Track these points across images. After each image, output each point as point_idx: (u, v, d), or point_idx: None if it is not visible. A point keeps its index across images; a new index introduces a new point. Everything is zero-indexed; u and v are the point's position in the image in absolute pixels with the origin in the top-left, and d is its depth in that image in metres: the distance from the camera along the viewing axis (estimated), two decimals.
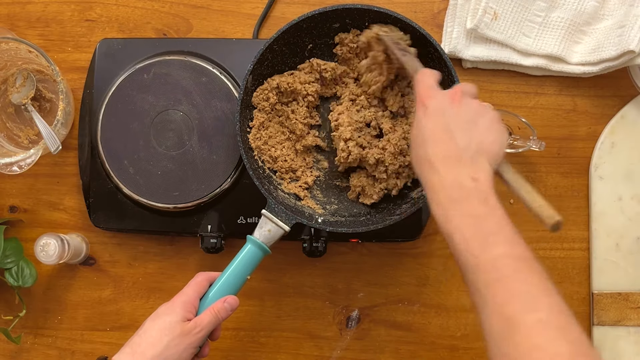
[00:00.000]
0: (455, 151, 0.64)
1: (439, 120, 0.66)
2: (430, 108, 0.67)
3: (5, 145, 0.95)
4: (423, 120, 0.67)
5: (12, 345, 0.95)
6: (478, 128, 0.65)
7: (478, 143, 0.65)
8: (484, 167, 0.64)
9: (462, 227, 0.61)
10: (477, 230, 0.60)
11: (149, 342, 0.72)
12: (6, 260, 0.92)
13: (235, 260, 0.79)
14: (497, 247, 0.59)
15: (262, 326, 0.95)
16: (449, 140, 0.65)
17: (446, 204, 0.62)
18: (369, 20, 0.84)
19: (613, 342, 0.92)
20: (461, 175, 0.63)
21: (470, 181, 0.62)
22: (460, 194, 0.62)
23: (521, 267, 0.58)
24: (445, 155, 0.64)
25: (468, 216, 0.61)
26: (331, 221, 0.85)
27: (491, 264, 0.58)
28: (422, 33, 0.80)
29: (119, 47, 0.93)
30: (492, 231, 0.60)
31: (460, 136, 0.65)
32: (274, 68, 0.86)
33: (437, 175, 0.64)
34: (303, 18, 0.81)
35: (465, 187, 0.62)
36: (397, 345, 0.94)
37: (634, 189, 0.93)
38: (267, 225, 0.80)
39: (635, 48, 0.85)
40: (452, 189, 0.62)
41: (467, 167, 0.63)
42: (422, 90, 0.70)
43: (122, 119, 0.90)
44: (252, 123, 0.86)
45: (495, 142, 0.66)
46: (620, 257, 0.92)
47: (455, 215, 0.61)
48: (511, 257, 0.58)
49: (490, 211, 0.61)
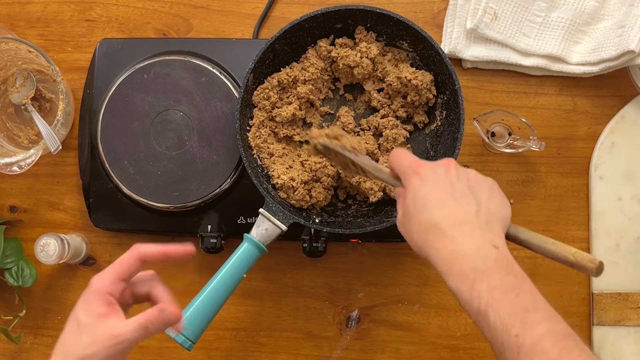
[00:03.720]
0: (468, 216, 0.59)
1: (439, 184, 0.61)
2: (426, 175, 0.62)
3: (5, 145, 0.95)
4: (422, 187, 0.62)
5: (12, 345, 0.95)
6: (482, 193, 0.61)
7: (487, 207, 0.60)
8: (499, 232, 0.59)
9: (495, 303, 0.55)
10: (513, 306, 0.54)
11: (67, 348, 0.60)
12: (6, 260, 0.92)
13: (232, 258, 0.79)
14: (539, 325, 0.54)
15: (262, 326, 0.95)
16: (457, 205, 0.60)
17: (471, 276, 0.56)
18: (371, 22, 0.84)
19: (613, 342, 0.92)
20: (482, 242, 0.57)
21: (492, 249, 0.57)
22: (486, 265, 0.56)
23: (569, 346, 0.54)
24: (457, 220, 0.59)
25: (499, 290, 0.55)
26: (329, 221, 0.85)
27: (536, 346, 0.53)
28: (423, 35, 0.80)
29: (119, 47, 0.93)
30: (529, 306, 0.55)
31: (467, 202, 0.60)
32: (275, 67, 0.86)
33: (453, 243, 0.58)
34: (305, 18, 0.81)
35: (489, 256, 0.57)
36: (397, 345, 0.94)
37: (634, 189, 0.93)
38: (264, 224, 0.80)
39: (635, 48, 0.86)
40: (475, 258, 0.56)
41: (485, 233, 0.58)
42: (408, 164, 0.65)
43: (122, 119, 0.90)
44: (252, 122, 0.86)
45: (502, 205, 0.62)
46: (620, 257, 0.92)
47: (483, 290, 0.55)
48: (556, 337, 0.54)
49: (520, 282, 0.56)
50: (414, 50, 0.86)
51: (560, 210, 0.94)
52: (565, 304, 0.93)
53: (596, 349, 0.92)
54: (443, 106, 0.85)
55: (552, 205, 0.94)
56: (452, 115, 0.82)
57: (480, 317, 0.55)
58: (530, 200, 0.94)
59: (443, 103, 0.85)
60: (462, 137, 0.79)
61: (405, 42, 0.85)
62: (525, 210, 0.94)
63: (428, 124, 0.88)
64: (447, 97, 0.84)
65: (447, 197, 0.60)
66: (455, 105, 0.81)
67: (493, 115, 0.90)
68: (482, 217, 0.59)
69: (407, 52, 0.87)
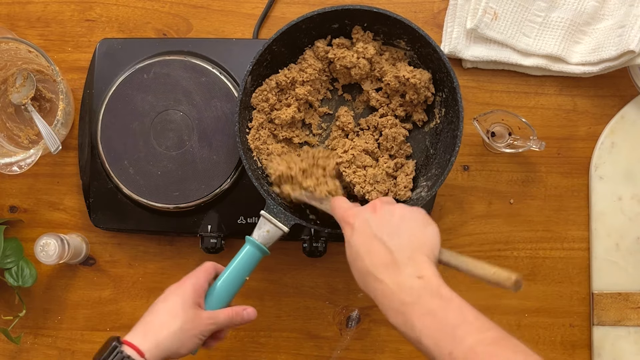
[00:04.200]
0: (392, 256, 0.63)
1: (366, 232, 0.66)
2: (355, 225, 0.67)
3: (5, 145, 0.95)
4: (353, 237, 0.67)
5: (12, 345, 0.95)
6: (407, 226, 0.65)
7: (409, 241, 0.64)
8: (424, 261, 0.63)
9: (426, 328, 0.59)
10: (441, 326, 0.58)
11: (162, 321, 0.72)
12: (6, 260, 0.92)
13: (234, 261, 0.79)
14: (467, 338, 0.57)
15: (262, 326, 0.95)
16: (382, 247, 0.64)
17: (401, 309, 0.61)
18: (367, 22, 0.84)
19: (613, 342, 0.92)
20: (406, 277, 0.62)
21: (416, 280, 0.61)
22: (412, 297, 0.61)
23: (497, 351, 0.56)
24: (383, 263, 0.63)
25: (427, 316, 0.59)
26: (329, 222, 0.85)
27: (467, 356, 0.56)
28: (420, 33, 0.80)
29: (119, 47, 0.93)
30: (457, 323, 0.58)
31: (390, 240, 0.64)
32: (273, 69, 0.86)
33: (383, 285, 0.63)
34: (302, 19, 0.81)
35: (413, 287, 0.61)
36: (397, 345, 0.94)
37: (634, 189, 0.93)
38: (265, 226, 0.80)
39: (635, 48, 0.86)
40: (402, 293, 0.61)
41: (408, 268, 0.62)
42: (342, 213, 0.70)
43: (122, 119, 0.90)
44: (251, 124, 0.86)
45: (426, 235, 0.65)
46: (620, 257, 0.92)
47: (414, 319, 0.60)
48: (485, 344, 0.56)
49: (447, 303, 0.60)
50: (411, 49, 0.86)
51: (560, 210, 0.94)
52: (565, 304, 0.93)
53: (596, 349, 0.92)
54: (442, 104, 0.85)
55: (552, 205, 0.94)
56: (452, 112, 0.82)
57: (417, 344, 0.60)
58: (530, 200, 0.94)
59: (442, 101, 0.85)
60: (462, 135, 0.79)
61: (403, 40, 0.85)
62: (525, 210, 0.94)
63: (427, 122, 0.88)
64: (446, 95, 0.83)
65: (373, 243, 0.65)
66: (454, 102, 0.81)
67: (493, 115, 0.90)
68: (405, 253, 0.63)
69: (405, 50, 0.87)
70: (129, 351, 0.69)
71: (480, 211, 0.94)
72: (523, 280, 0.60)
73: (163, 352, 0.70)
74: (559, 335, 0.93)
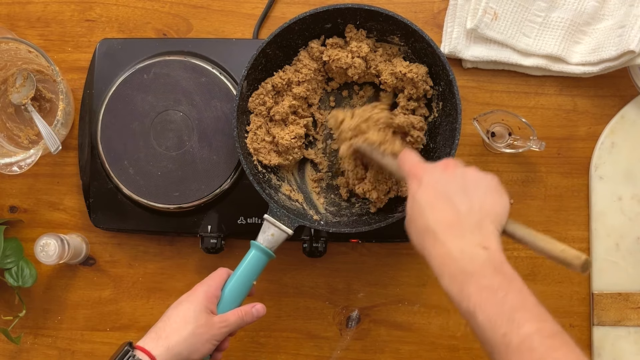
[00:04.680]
0: (458, 218, 0.61)
1: (435, 188, 0.63)
2: (424, 179, 0.65)
3: (5, 145, 0.95)
4: (419, 192, 0.64)
5: (12, 345, 0.95)
6: (477, 192, 0.63)
7: (480, 207, 0.62)
8: (491, 232, 0.61)
9: (483, 303, 0.56)
10: (500, 305, 0.56)
11: (173, 327, 0.73)
12: (6, 260, 0.92)
13: (241, 266, 0.79)
14: (526, 324, 0.55)
15: (262, 326, 0.95)
16: (449, 207, 0.61)
17: (460, 278, 0.58)
18: (360, 20, 0.84)
19: (613, 342, 0.92)
20: (470, 244, 0.59)
21: (481, 250, 0.59)
22: (474, 266, 0.58)
23: (556, 345, 0.54)
24: (448, 224, 0.61)
25: (487, 290, 0.57)
26: (333, 222, 0.85)
27: (524, 344, 0.54)
28: (413, 29, 0.80)
29: (119, 47, 0.93)
30: (517, 306, 0.56)
31: (460, 201, 0.62)
32: (269, 72, 0.86)
33: (444, 247, 0.60)
34: (295, 20, 0.81)
35: (477, 257, 0.58)
36: (397, 345, 0.94)
37: (634, 189, 0.93)
38: (270, 229, 0.80)
39: (635, 48, 0.85)
40: (463, 261, 0.58)
41: (474, 235, 0.60)
42: (411, 167, 0.68)
43: (122, 119, 0.90)
44: (248, 127, 0.86)
45: (497, 203, 0.63)
46: (620, 257, 0.92)
47: (472, 291, 0.57)
48: (543, 335, 0.54)
49: (509, 282, 0.58)
50: (405, 44, 0.86)
51: (560, 210, 0.94)
52: (566, 304, 0.93)
53: (596, 349, 0.92)
54: (439, 97, 0.85)
55: (552, 205, 0.94)
56: (449, 105, 0.82)
57: (470, 317, 0.57)
58: (530, 200, 0.94)
59: (438, 94, 0.85)
60: (461, 128, 0.79)
61: (396, 36, 0.85)
62: (525, 210, 0.94)
63: (426, 117, 0.88)
64: (443, 88, 0.83)
65: (440, 200, 0.62)
66: (450, 95, 0.81)
67: (493, 115, 0.90)
68: (473, 218, 0.61)
69: (399, 46, 0.87)
70: (141, 355, 0.70)
71: None
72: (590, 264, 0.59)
73: (174, 357, 0.71)
74: None
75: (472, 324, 0.57)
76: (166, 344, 0.71)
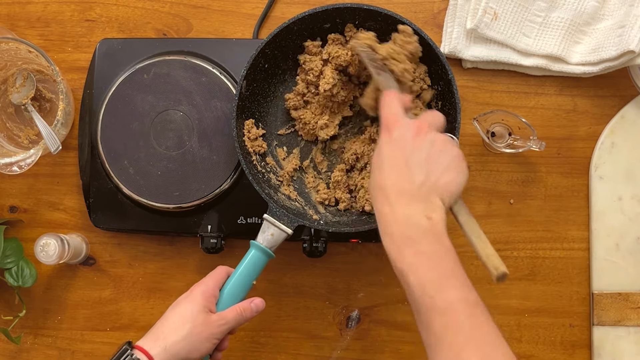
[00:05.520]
0: (411, 187, 0.63)
1: (400, 151, 0.65)
2: (394, 136, 0.66)
3: (5, 145, 0.95)
4: (385, 147, 0.66)
5: (12, 345, 0.95)
6: (437, 165, 0.65)
7: (434, 181, 0.64)
8: (438, 206, 0.63)
9: (416, 266, 0.60)
10: (432, 270, 0.60)
11: (171, 327, 0.73)
12: (6, 260, 0.92)
13: (240, 266, 0.79)
14: (453, 290, 0.59)
15: (262, 326, 0.95)
16: (406, 174, 0.64)
17: (399, 240, 0.62)
18: (359, 19, 0.84)
19: (613, 342, 0.92)
20: (416, 212, 0.62)
21: (425, 220, 0.62)
22: (415, 233, 0.62)
23: (476, 312, 0.59)
24: (400, 190, 0.64)
25: (423, 255, 0.61)
26: (333, 221, 0.85)
27: (447, 307, 0.58)
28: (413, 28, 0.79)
29: (119, 47, 0.93)
30: (447, 273, 0.60)
31: (417, 172, 0.64)
32: (268, 72, 0.86)
33: (391, 208, 0.63)
34: (293, 20, 0.81)
35: (419, 225, 0.62)
36: (397, 345, 0.94)
37: (634, 189, 0.93)
38: (269, 229, 0.80)
39: (635, 48, 0.85)
40: (405, 226, 0.62)
41: (421, 205, 0.63)
42: (388, 116, 0.69)
43: (122, 119, 0.90)
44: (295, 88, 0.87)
45: (451, 182, 0.65)
46: (620, 257, 0.92)
47: (408, 254, 0.61)
48: (466, 303, 0.59)
49: (445, 252, 0.61)
50: None
51: (560, 210, 0.94)
52: (565, 304, 0.93)
53: (596, 349, 0.92)
54: (438, 97, 0.85)
55: (552, 205, 0.94)
56: (448, 105, 0.82)
57: (403, 276, 0.61)
58: (530, 200, 0.94)
59: (437, 94, 0.85)
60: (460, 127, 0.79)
61: None
62: (525, 210, 0.94)
63: None
64: (442, 88, 0.83)
65: (400, 165, 0.65)
66: (450, 94, 0.81)
67: (493, 115, 0.90)
68: (425, 189, 0.64)
69: None
70: (139, 355, 0.71)
71: (480, 211, 0.94)
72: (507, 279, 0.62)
73: (172, 356, 0.72)
74: (559, 335, 0.93)
75: (404, 283, 0.61)
76: (164, 343, 0.72)
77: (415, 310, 0.61)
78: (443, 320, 0.58)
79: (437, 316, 0.58)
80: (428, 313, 0.59)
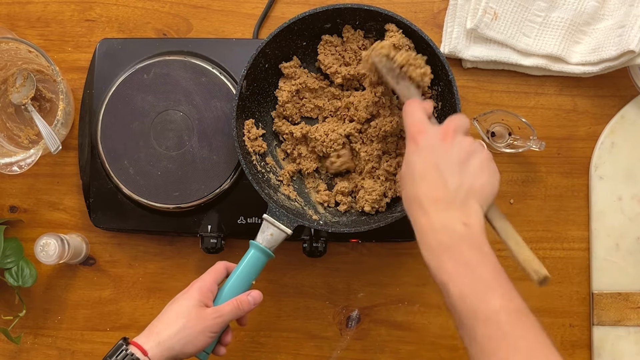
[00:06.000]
0: (446, 193, 0.62)
1: (429, 158, 0.64)
2: (421, 144, 0.65)
3: (5, 145, 0.95)
4: (413, 157, 0.65)
5: (12, 345, 0.95)
6: (469, 169, 0.64)
7: (469, 185, 0.63)
8: (475, 211, 0.62)
9: (457, 276, 0.59)
10: (473, 280, 0.59)
11: (166, 323, 0.74)
12: (6, 260, 0.92)
13: (240, 266, 0.79)
14: (495, 299, 0.58)
15: (262, 326, 0.95)
16: (439, 181, 0.63)
17: (437, 249, 0.61)
18: (359, 19, 0.84)
19: (613, 342, 0.92)
20: (452, 219, 0.61)
21: (461, 226, 0.61)
22: (452, 240, 0.60)
23: (520, 320, 0.57)
24: (435, 197, 0.62)
25: (462, 264, 0.59)
26: (332, 221, 0.85)
27: (490, 317, 0.57)
28: (413, 29, 0.79)
29: (119, 47, 0.93)
30: (488, 281, 0.59)
31: (450, 177, 0.63)
32: (268, 72, 0.86)
33: (427, 217, 0.62)
34: (294, 20, 0.81)
35: (456, 232, 0.61)
36: (397, 345, 0.94)
37: (634, 189, 0.93)
38: (269, 229, 0.80)
39: (635, 48, 0.86)
40: (442, 234, 0.61)
41: (458, 211, 0.62)
42: (412, 125, 0.68)
43: (122, 119, 0.90)
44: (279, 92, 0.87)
45: (487, 184, 0.64)
46: (620, 257, 0.92)
47: (448, 263, 0.60)
48: (509, 311, 0.57)
49: (484, 259, 0.60)
50: None
51: (560, 210, 0.94)
52: (565, 304, 0.93)
53: (596, 349, 0.92)
54: (438, 98, 0.85)
55: (552, 205, 0.94)
56: (448, 105, 0.82)
57: (444, 287, 0.60)
58: (530, 200, 0.94)
59: (437, 95, 0.85)
60: None
61: None
62: (525, 210, 0.94)
63: None
64: (442, 88, 0.83)
65: (432, 172, 0.64)
66: (450, 95, 0.80)
67: (493, 115, 0.90)
68: (460, 195, 0.62)
69: None
70: (134, 349, 0.71)
71: None
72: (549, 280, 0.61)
73: (166, 350, 0.72)
74: (559, 335, 0.93)
75: (445, 294, 0.60)
76: (157, 338, 0.72)
77: (458, 321, 0.59)
78: (487, 331, 0.57)
79: (480, 327, 0.57)
80: (471, 324, 0.57)
